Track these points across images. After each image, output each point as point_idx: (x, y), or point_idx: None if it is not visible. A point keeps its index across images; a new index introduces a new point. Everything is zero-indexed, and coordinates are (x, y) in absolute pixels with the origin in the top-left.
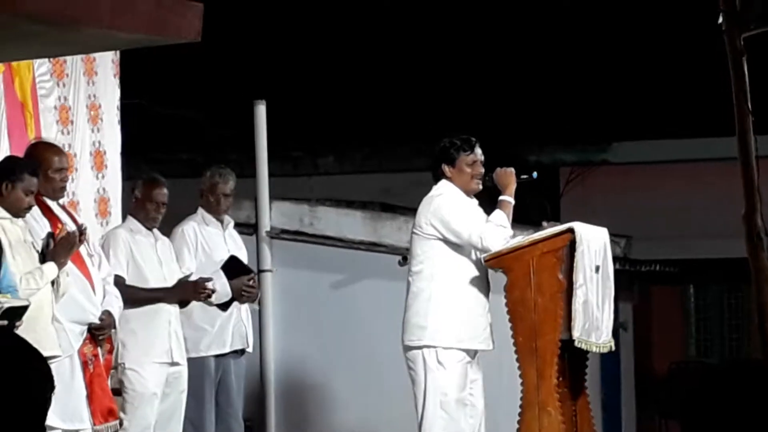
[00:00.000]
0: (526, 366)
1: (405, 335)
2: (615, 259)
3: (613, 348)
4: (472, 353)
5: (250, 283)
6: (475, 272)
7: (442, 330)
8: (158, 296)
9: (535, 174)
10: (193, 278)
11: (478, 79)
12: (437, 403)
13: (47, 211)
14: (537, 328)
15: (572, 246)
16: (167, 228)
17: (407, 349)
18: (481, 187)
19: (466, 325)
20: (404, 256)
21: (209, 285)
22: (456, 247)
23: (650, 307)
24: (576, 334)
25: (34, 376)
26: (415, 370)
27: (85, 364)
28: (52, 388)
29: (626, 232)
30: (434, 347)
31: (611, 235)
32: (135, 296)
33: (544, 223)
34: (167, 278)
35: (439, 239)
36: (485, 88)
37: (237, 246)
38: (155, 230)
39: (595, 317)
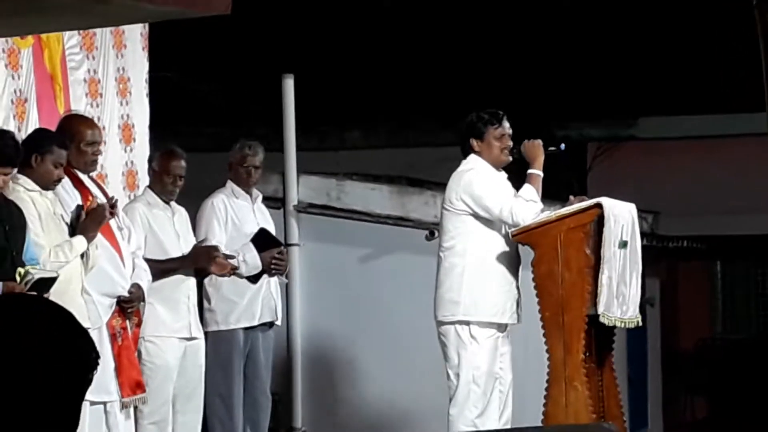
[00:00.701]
0: (553, 341)
1: (438, 311)
2: (642, 234)
3: (640, 323)
4: (503, 327)
5: (280, 256)
6: (506, 247)
7: (475, 305)
8: (173, 266)
9: (563, 146)
10: (224, 252)
11: (505, 54)
12: (470, 378)
13: (78, 184)
14: (564, 303)
15: (600, 221)
16: (195, 202)
17: (440, 324)
18: (510, 159)
19: (498, 300)
20: (431, 230)
21: (233, 262)
22: (487, 222)
23: (677, 283)
24: (601, 309)
25: (77, 348)
26: (447, 345)
27: (113, 337)
28: (96, 362)
29: (653, 207)
30: (467, 322)
31: (639, 210)
32: (151, 269)
33: (572, 198)
34: (185, 251)
35: (470, 214)
36: (512, 64)
37: (265, 219)
38: (173, 203)
39: (620, 292)
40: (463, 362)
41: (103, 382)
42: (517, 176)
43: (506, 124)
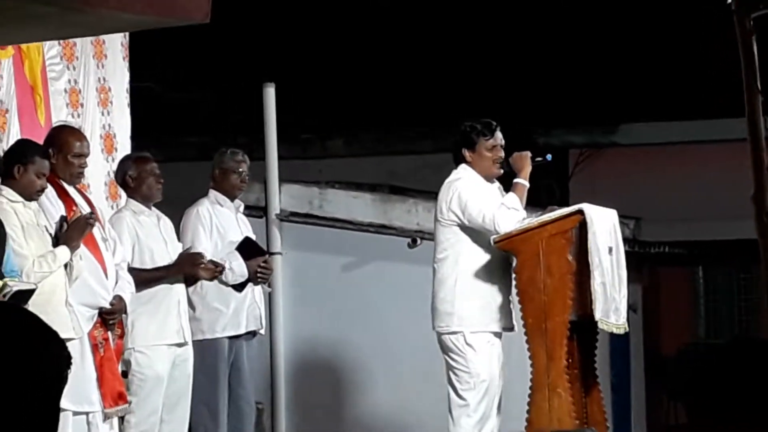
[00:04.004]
0: (536, 347)
1: (434, 321)
2: (624, 240)
3: (627, 329)
4: (499, 334)
5: (266, 264)
6: (498, 255)
7: (469, 315)
8: (160, 275)
9: (549, 156)
10: (210, 259)
11: (486, 62)
12: (470, 385)
13: (63, 194)
14: (546, 309)
15: (582, 227)
16: (178, 211)
17: (438, 334)
18: (501, 171)
19: (492, 308)
20: (414, 238)
21: (223, 265)
22: (477, 232)
23: (659, 289)
24: (598, 315)
25: (49, 352)
26: (447, 354)
27: (95, 348)
28: (68, 364)
29: (635, 213)
30: (462, 332)
31: (620, 216)
32: (138, 278)
33: (549, 208)
34: (173, 258)
35: (459, 225)
36: (493, 71)
37: (246, 229)
38: (155, 209)
39: (612, 298)
40: (461, 370)
41: (85, 393)
42: (506, 188)
43: (498, 135)
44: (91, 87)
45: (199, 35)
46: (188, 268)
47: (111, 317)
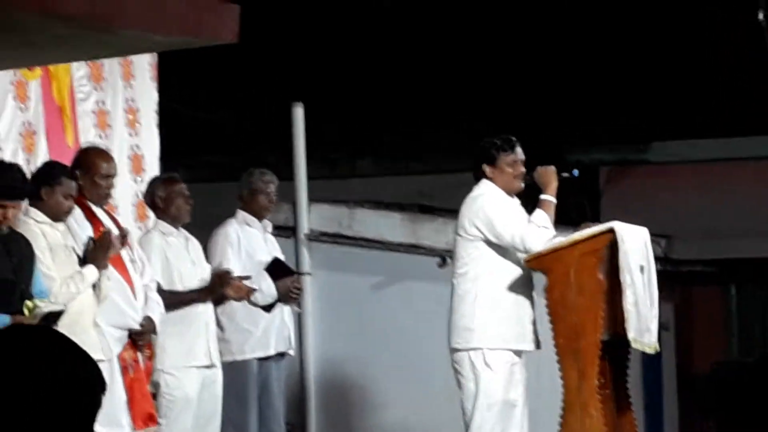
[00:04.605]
0: (568, 367)
1: (452, 338)
2: (656, 259)
3: (659, 349)
4: (519, 353)
5: (295, 284)
6: (520, 272)
7: (489, 331)
8: (191, 297)
9: (576, 171)
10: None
11: (516, 80)
12: (485, 406)
13: (90, 215)
14: (578, 329)
15: (612, 246)
16: (206, 231)
17: (454, 351)
18: (522, 186)
19: (513, 326)
20: (443, 257)
21: (248, 283)
22: (499, 248)
23: (691, 307)
24: (631, 334)
25: (84, 376)
26: (462, 373)
27: (125, 369)
28: (102, 388)
29: (667, 231)
30: (481, 349)
31: (652, 235)
32: (170, 300)
33: (582, 227)
34: (201, 278)
35: (483, 240)
36: (524, 89)
37: (275, 249)
38: (183, 231)
39: (644, 317)
40: (477, 390)
41: (115, 415)
42: (530, 202)
43: (519, 150)
44: (119, 108)
45: (227, 55)
46: (218, 288)
47: (140, 338)
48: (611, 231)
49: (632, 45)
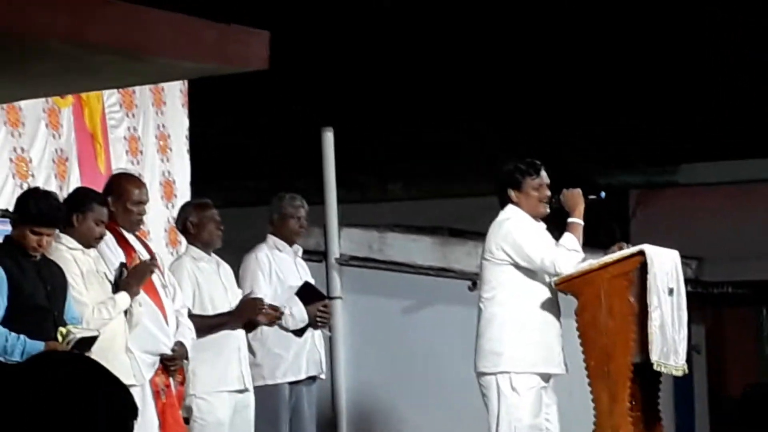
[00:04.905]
0: (599, 390)
1: (479, 362)
2: (686, 281)
3: (687, 371)
4: (546, 378)
5: (325, 308)
6: (547, 296)
7: (517, 355)
8: (222, 322)
9: (603, 194)
10: (270, 304)
11: (547, 103)
12: (511, 430)
13: (122, 242)
14: (609, 351)
15: (643, 268)
16: (236, 256)
17: (481, 375)
18: (548, 210)
19: (540, 350)
20: (474, 281)
21: (281, 309)
22: (527, 271)
23: (723, 330)
24: (654, 357)
25: (115, 402)
26: (488, 397)
27: (157, 394)
28: (134, 415)
29: (697, 253)
30: (508, 372)
31: (682, 257)
32: (200, 325)
33: (614, 247)
34: (232, 304)
35: (511, 264)
36: (552, 112)
37: (305, 274)
38: (215, 256)
39: (672, 339)
40: (503, 414)
41: None
42: (556, 224)
43: (544, 174)
44: (151, 134)
45: (257, 81)
46: (249, 314)
47: (172, 363)
48: (642, 253)
49: (662, 68)
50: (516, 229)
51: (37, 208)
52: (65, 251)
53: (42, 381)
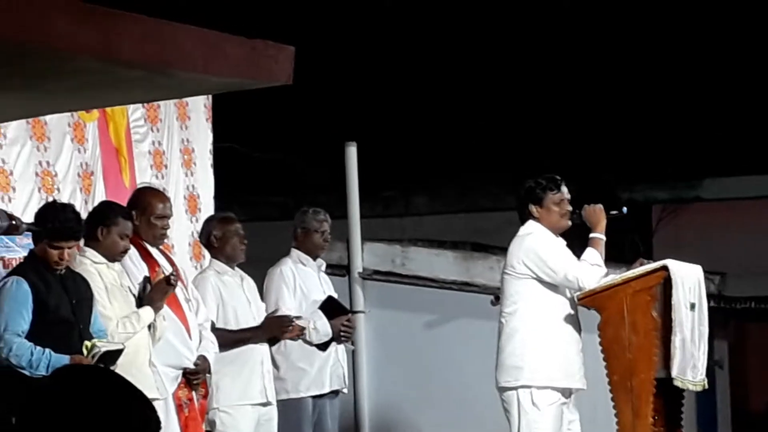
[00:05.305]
0: (622, 405)
1: (500, 376)
2: (709, 296)
3: (707, 386)
4: (567, 393)
5: (349, 323)
6: (568, 311)
7: (538, 370)
8: (247, 336)
9: (625, 209)
10: (296, 320)
11: (569, 118)
12: None
13: (146, 256)
14: (632, 366)
15: (666, 284)
16: (260, 270)
17: (502, 390)
18: (569, 224)
19: (561, 364)
20: (496, 295)
21: (301, 323)
22: (549, 285)
23: (746, 345)
24: (674, 372)
25: (139, 416)
26: (509, 411)
27: (179, 408)
28: (158, 428)
29: (720, 269)
30: (529, 387)
31: (705, 272)
32: (224, 339)
33: (636, 264)
34: (256, 318)
35: (533, 278)
36: (576, 127)
37: (329, 288)
38: (239, 270)
39: (691, 355)
40: (524, 429)
41: None
42: (577, 239)
43: (565, 189)
44: (175, 148)
45: (281, 96)
46: (276, 331)
47: (195, 377)
48: (665, 269)
49: (685, 83)
50: (538, 243)
51: (53, 223)
52: (90, 265)
53: (66, 395)
